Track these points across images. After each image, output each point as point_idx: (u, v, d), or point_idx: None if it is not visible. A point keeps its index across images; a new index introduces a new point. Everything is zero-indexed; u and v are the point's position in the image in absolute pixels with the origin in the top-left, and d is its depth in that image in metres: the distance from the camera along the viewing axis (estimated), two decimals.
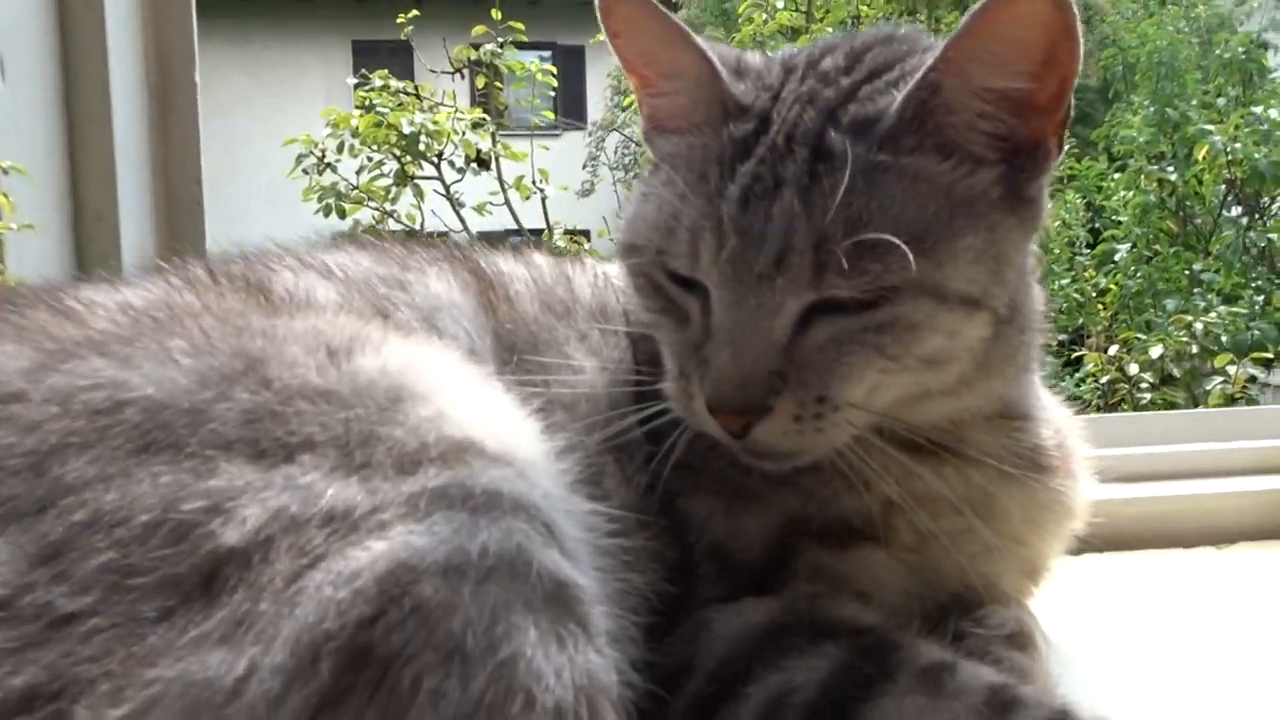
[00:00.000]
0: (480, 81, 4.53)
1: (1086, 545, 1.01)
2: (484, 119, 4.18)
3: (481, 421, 0.64)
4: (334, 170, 4.29)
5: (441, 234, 4.66)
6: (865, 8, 5.01)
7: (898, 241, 0.71)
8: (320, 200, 4.29)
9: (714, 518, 0.84)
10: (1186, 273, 4.58)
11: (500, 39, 4.39)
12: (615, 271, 0.94)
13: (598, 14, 0.83)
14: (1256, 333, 4.09)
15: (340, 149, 4.25)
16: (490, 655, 0.51)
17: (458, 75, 4.48)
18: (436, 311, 0.83)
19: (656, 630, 0.77)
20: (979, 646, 0.84)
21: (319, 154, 4.27)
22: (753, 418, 0.76)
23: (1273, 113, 4.61)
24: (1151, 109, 5.13)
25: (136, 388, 0.58)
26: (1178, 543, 1.33)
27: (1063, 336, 5.13)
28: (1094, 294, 4.75)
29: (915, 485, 0.81)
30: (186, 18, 1.47)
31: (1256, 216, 4.76)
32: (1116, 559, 1.29)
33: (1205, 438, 1.54)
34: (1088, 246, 5.18)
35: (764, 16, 5.12)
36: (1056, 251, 5.02)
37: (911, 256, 0.72)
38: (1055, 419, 0.96)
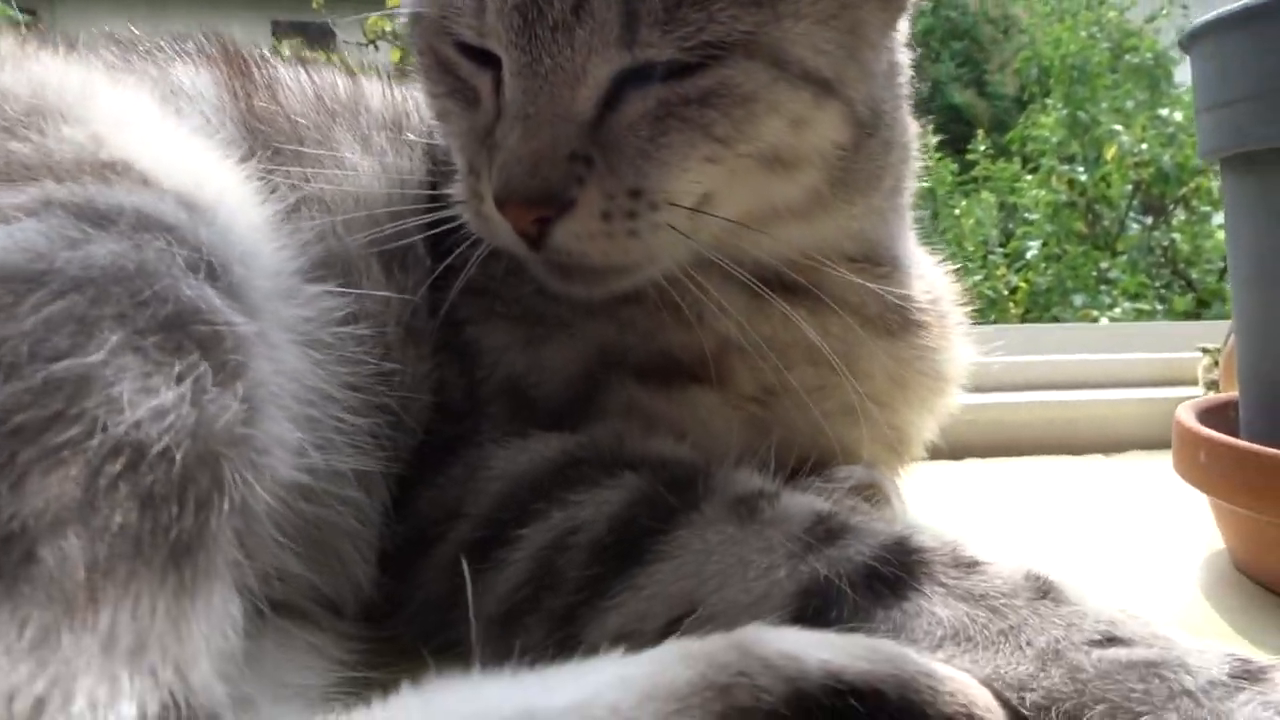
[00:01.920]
0: (395, 55, 4.39)
1: (968, 449, 0.95)
2: None
3: (157, 154, 0.54)
4: None
5: None
6: None
7: None
8: None
9: (511, 349, 0.72)
10: (1094, 272, 4.67)
11: None
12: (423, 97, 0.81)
13: None
14: None
15: None
16: (42, 366, 0.41)
17: (375, 48, 4.32)
18: (173, 94, 0.71)
19: (423, 475, 0.66)
20: (818, 495, 0.68)
21: None
22: (549, 211, 0.63)
23: (1178, 115, 4.74)
24: (1064, 111, 5.23)
25: None
26: (1069, 449, 1.33)
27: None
28: (1006, 291, 4.82)
29: (761, 324, 0.70)
30: None
31: (1161, 218, 4.89)
32: (1005, 463, 1.25)
33: (1101, 349, 1.55)
34: (1000, 245, 5.27)
35: None
36: (970, 249, 5.10)
37: (744, 5, 0.60)
38: (929, 275, 0.86)
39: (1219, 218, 4.33)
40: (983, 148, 6.00)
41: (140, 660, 0.37)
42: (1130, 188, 4.74)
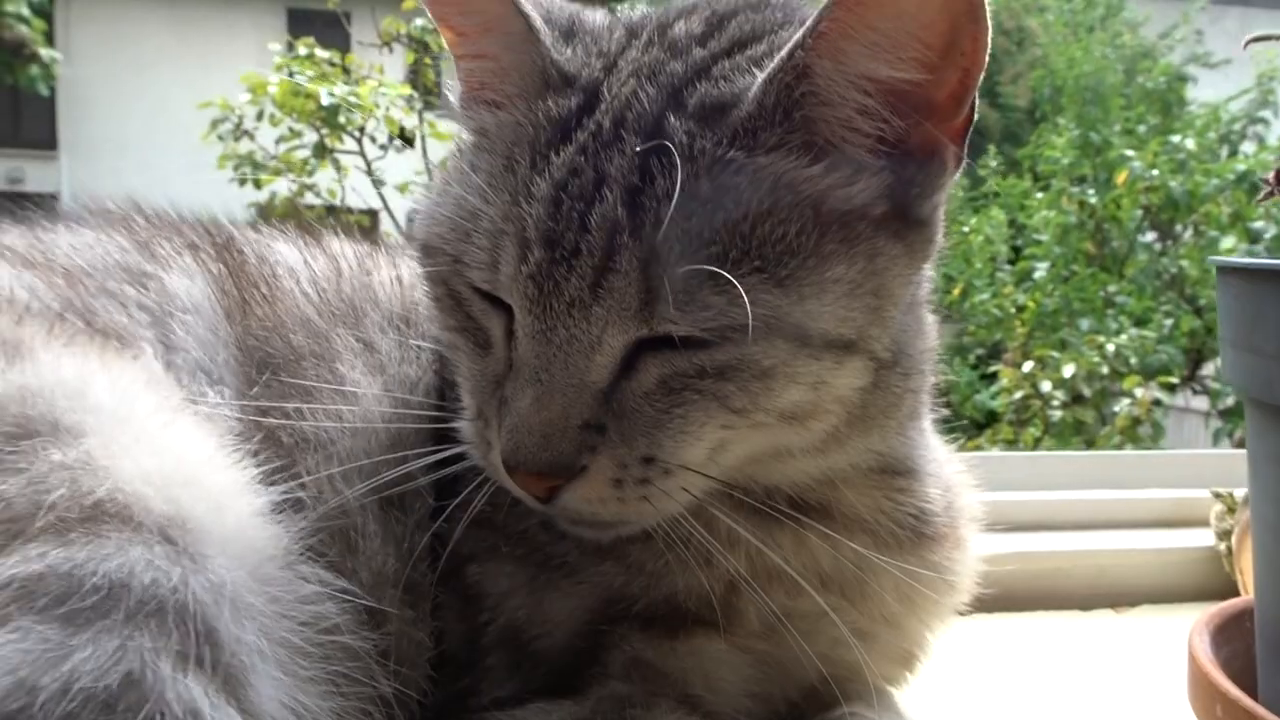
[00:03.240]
0: (409, 57, 4.41)
1: (975, 605, 0.85)
2: (412, 95, 4.06)
3: (149, 470, 0.51)
4: (251, 138, 4.13)
5: (365, 211, 4.52)
6: None
7: (737, 280, 0.57)
8: (236, 169, 4.13)
9: (514, 594, 0.69)
10: (1101, 294, 4.69)
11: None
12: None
13: None
14: (1164, 356, 4.20)
15: (259, 116, 4.10)
16: None
17: (390, 50, 4.34)
18: (169, 317, 0.68)
19: None
20: None
21: (236, 119, 4.10)
22: (560, 480, 0.61)
23: (1189, 142, 4.76)
24: (1076, 132, 5.24)
25: None
26: (1076, 604, 1.20)
27: (980, 351, 5.22)
28: (1013, 310, 4.84)
29: (768, 560, 0.67)
30: None
31: (1169, 243, 4.90)
32: (1007, 621, 1.14)
33: (1107, 484, 1.41)
34: (1009, 262, 5.28)
35: None
36: (979, 266, 5.11)
37: (765, 287, 0.58)
38: (945, 474, 0.81)
39: (1228, 241, 4.34)
40: (994, 163, 6.02)
41: None
42: (1140, 211, 4.76)
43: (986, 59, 0.61)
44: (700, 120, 0.61)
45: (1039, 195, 5.37)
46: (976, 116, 0.64)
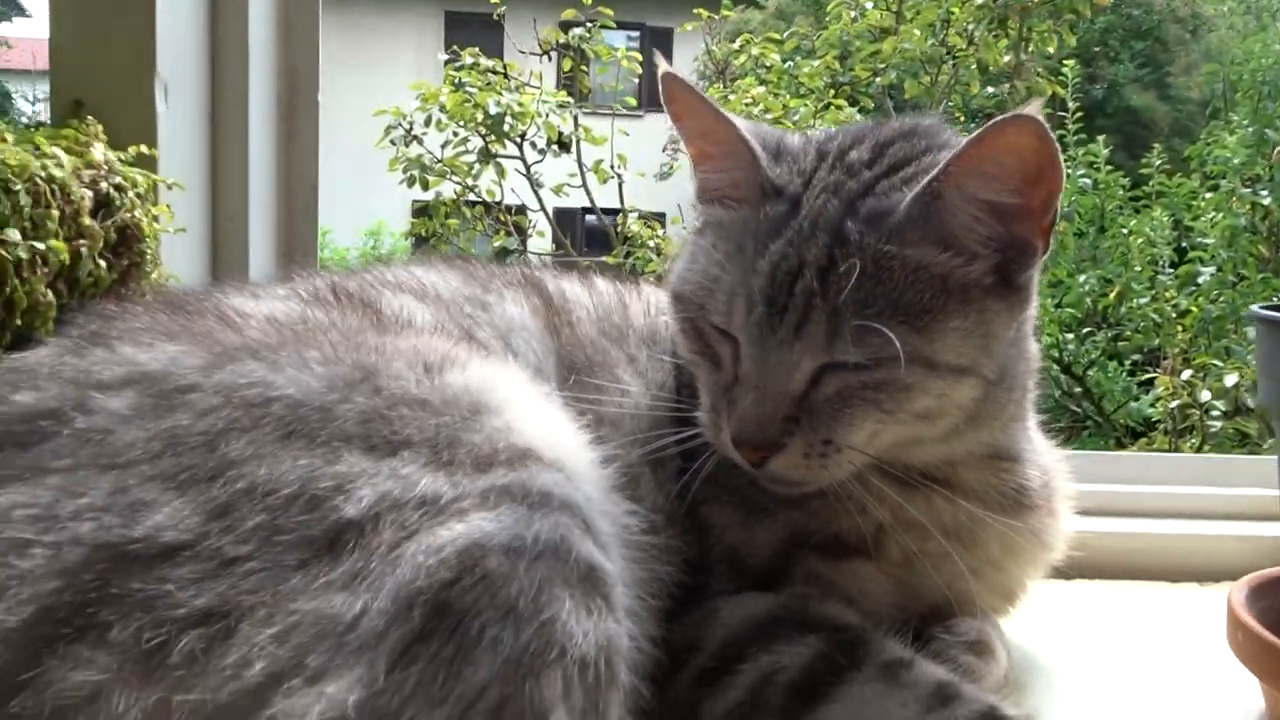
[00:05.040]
0: (566, 64, 4.60)
1: (1077, 572, 1.13)
2: (568, 102, 4.25)
3: (540, 433, 0.78)
4: (420, 143, 4.41)
5: (520, 208, 4.76)
6: (956, 10, 4.91)
7: (889, 329, 0.85)
8: (405, 171, 4.41)
9: (731, 527, 0.99)
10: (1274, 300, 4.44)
11: (590, 22, 4.45)
12: (665, 299, 1.06)
13: (662, 99, 0.96)
14: None
15: (427, 123, 4.36)
16: (536, 615, 0.65)
17: (550, 59, 4.56)
18: (511, 333, 0.97)
19: (673, 613, 0.92)
20: (941, 649, 0.98)
21: (406, 126, 4.39)
22: (769, 453, 0.90)
23: None
24: (1250, 129, 4.96)
25: (281, 387, 0.73)
26: (1167, 577, 1.44)
27: (1136, 356, 5.03)
28: (1174, 315, 4.64)
29: (905, 513, 0.95)
30: (313, 42, 1.64)
31: None
32: (1103, 586, 1.41)
33: (1205, 482, 1.63)
34: (1171, 266, 5.05)
35: (852, 15, 5.08)
36: (1138, 269, 4.91)
37: (908, 333, 0.85)
38: (1044, 461, 1.09)
39: None
40: (1159, 161, 5.74)
41: None
42: None
43: (1064, 183, 0.89)
44: (868, 223, 0.89)
45: (1207, 195, 5.11)
46: (1143, 106, 0.87)
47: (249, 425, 0.69)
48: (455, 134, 4.34)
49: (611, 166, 4.43)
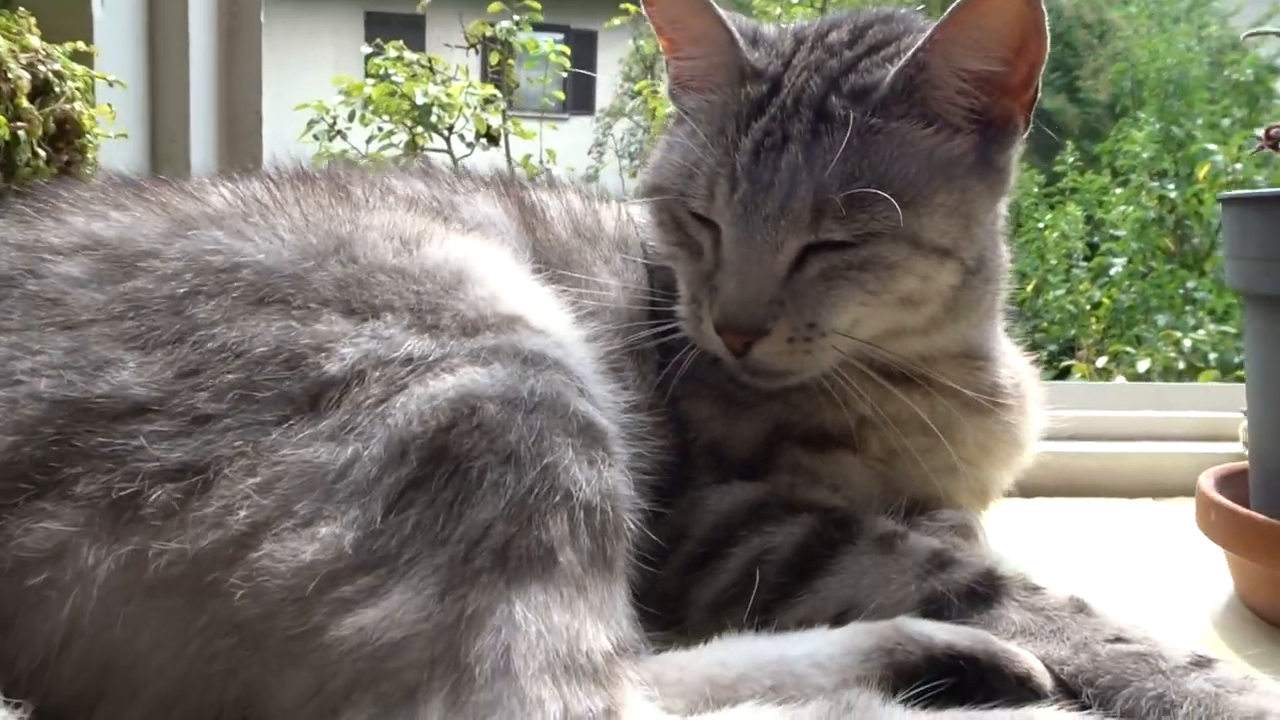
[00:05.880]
0: (494, 58, 4.55)
1: (1039, 490, 1.18)
2: (495, 95, 4.20)
3: (527, 303, 0.76)
4: (344, 138, 4.31)
5: None
6: None
7: (885, 195, 0.84)
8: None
9: (712, 420, 0.98)
10: (1180, 290, 4.63)
11: (516, 17, 4.41)
12: (635, 211, 1.09)
13: None
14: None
15: (351, 117, 4.27)
16: (538, 460, 0.65)
17: (470, 51, 4.49)
18: (483, 227, 0.94)
19: (661, 492, 0.90)
20: (927, 532, 0.97)
21: (330, 120, 4.29)
22: (753, 338, 0.89)
23: None
24: (1157, 125, 5.16)
25: (249, 255, 0.70)
26: (1124, 493, 1.54)
27: (1053, 347, 5.18)
28: (1088, 307, 4.80)
29: (888, 406, 0.96)
30: None
31: None
32: (1067, 503, 1.50)
33: (1157, 406, 1.76)
34: (1085, 259, 5.22)
35: (777, 10, 5.13)
36: (1053, 263, 5.07)
37: (893, 209, 0.84)
38: (1014, 363, 1.12)
39: None
40: (1071, 159, 5.93)
41: (609, 616, 0.65)
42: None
43: (1047, 54, 0.88)
44: (852, 99, 0.89)
45: (1117, 190, 5.30)
46: (1054, 109, 0.85)
47: (215, 290, 0.67)
48: (380, 128, 4.25)
49: (540, 162, 4.39)
